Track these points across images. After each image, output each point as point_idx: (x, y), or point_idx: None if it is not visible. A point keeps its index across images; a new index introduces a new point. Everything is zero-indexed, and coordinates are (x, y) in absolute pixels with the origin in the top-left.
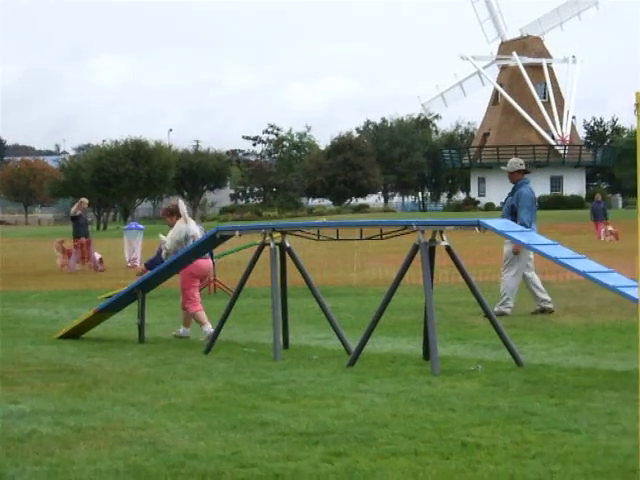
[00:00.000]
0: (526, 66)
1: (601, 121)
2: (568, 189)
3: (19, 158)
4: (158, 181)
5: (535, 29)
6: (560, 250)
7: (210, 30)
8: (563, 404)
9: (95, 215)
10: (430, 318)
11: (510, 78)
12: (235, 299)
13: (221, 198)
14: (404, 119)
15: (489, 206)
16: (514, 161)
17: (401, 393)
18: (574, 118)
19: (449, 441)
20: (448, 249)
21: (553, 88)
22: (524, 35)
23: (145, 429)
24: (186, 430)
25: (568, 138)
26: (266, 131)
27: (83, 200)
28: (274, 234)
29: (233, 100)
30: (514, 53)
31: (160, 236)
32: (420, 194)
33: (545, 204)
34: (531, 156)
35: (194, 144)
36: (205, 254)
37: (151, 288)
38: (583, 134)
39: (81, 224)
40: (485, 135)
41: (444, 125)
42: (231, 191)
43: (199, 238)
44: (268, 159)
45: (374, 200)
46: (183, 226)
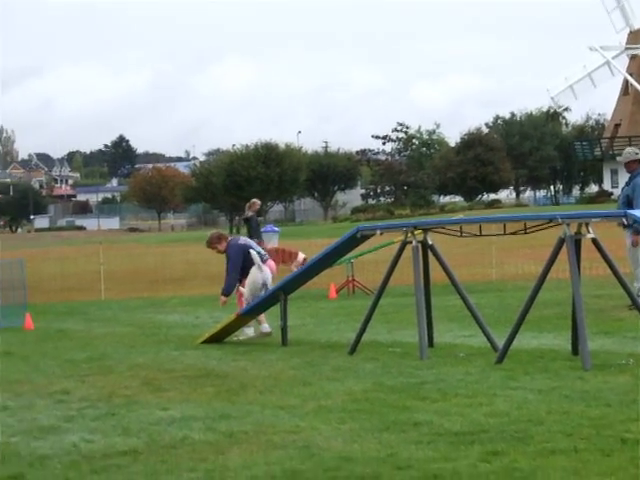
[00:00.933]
0: None
1: None
2: None
3: (150, 165)
4: (289, 183)
5: None
6: None
7: (336, 31)
8: None
9: (227, 219)
10: (579, 312)
11: None
12: (378, 298)
13: (352, 198)
14: (533, 113)
15: None
16: (629, 151)
17: (553, 389)
18: None
19: (608, 437)
20: (594, 241)
21: None
22: None
23: (297, 432)
24: (339, 432)
25: None
26: (395, 129)
27: (255, 201)
28: (416, 232)
29: (360, 100)
30: None
31: (240, 289)
32: (552, 188)
33: None
34: None
35: (323, 145)
36: (346, 254)
37: (293, 290)
38: None
39: (253, 226)
40: (616, 126)
41: (574, 117)
42: (362, 191)
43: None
44: (398, 157)
45: (505, 195)
46: (259, 275)
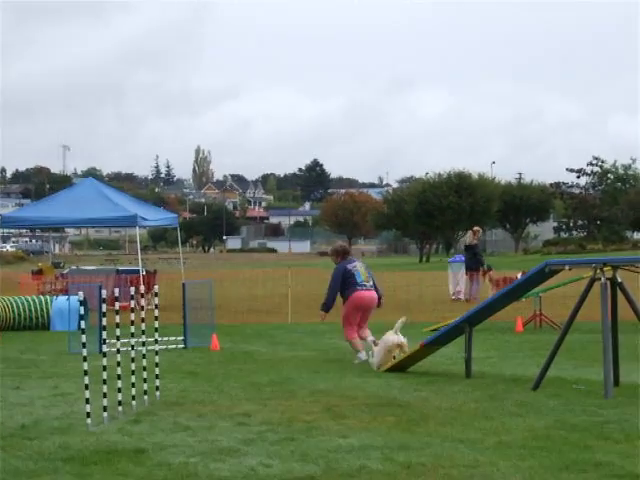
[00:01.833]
0: None
1: None
2: None
3: (343, 190)
4: (481, 214)
5: None
6: None
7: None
8: None
9: (417, 247)
10: None
11: None
12: (565, 334)
13: (544, 231)
14: None
15: None
16: None
17: None
18: None
19: None
20: None
21: None
22: None
23: (476, 467)
24: (518, 469)
25: None
26: (590, 163)
27: (477, 229)
28: (605, 268)
29: (555, 132)
30: None
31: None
32: None
33: None
34: None
35: (517, 176)
36: (533, 288)
37: (478, 322)
38: None
39: (477, 253)
40: None
41: None
42: (554, 224)
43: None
44: (592, 192)
45: None
46: (391, 338)
